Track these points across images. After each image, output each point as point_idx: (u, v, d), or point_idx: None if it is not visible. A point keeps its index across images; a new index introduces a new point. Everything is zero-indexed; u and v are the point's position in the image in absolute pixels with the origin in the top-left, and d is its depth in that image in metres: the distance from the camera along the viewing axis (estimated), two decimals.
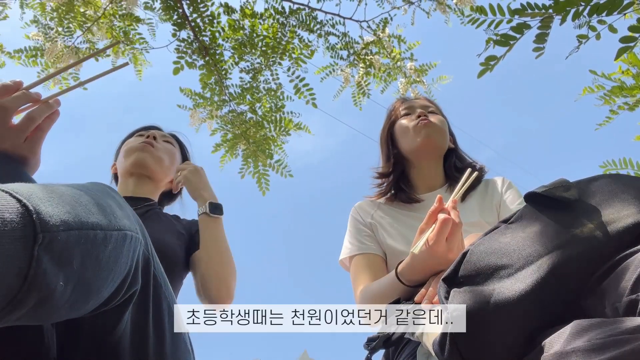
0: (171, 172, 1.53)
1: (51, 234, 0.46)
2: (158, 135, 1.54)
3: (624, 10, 1.11)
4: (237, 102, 3.29)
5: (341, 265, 1.44)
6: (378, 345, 0.93)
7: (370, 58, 3.36)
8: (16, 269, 0.42)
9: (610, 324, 0.53)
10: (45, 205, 0.47)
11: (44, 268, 0.45)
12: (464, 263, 0.71)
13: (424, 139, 1.44)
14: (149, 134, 1.50)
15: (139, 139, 1.50)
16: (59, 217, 0.48)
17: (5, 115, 0.81)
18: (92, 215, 0.54)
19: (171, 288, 0.87)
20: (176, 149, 1.58)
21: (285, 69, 3.16)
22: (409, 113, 1.53)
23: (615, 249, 0.64)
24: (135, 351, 0.70)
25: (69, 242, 0.48)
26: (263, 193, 3.23)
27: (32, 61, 3.04)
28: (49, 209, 0.47)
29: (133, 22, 3.22)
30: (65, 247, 0.48)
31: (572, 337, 0.55)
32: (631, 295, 0.57)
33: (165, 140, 1.55)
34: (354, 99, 3.52)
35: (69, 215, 0.49)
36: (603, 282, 0.63)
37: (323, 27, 3.31)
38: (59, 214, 0.48)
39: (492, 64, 1.21)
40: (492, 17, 1.24)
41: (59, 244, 0.47)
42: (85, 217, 0.52)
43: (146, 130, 1.55)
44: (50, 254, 0.46)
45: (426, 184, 1.50)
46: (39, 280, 0.45)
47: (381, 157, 1.60)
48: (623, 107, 2.03)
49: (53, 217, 0.47)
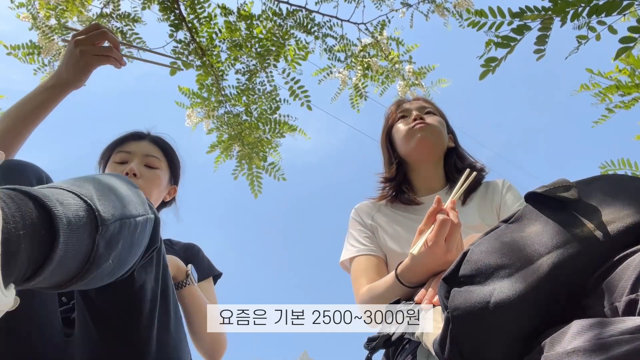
0: (162, 194, 1.49)
1: (106, 226, 0.60)
2: (137, 163, 1.43)
3: (623, 11, 1.12)
4: (233, 103, 3.29)
5: (342, 266, 1.44)
6: (378, 346, 0.92)
7: (367, 60, 3.37)
8: (84, 252, 0.57)
9: (611, 324, 0.53)
10: (101, 203, 0.61)
11: (101, 252, 0.59)
12: (464, 263, 0.71)
13: (418, 143, 1.44)
14: (129, 171, 1.38)
15: (120, 171, 1.38)
16: (110, 212, 0.62)
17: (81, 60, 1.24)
18: (127, 207, 0.69)
19: None
20: (162, 168, 1.48)
21: (280, 70, 3.16)
22: (405, 116, 1.52)
23: (615, 249, 0.64)
24: (151, 301, 0.88)
25: (115, 230, 0.63)
26: (255, 195, 3.22)
27: (30, 58, 3.02)
28: (103, 206, 0.61)
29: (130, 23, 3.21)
30: (113, 235, 0.62)
31: (572, 337, 0.55)
32: (631, 295, 0.57)
33: (147, 164, 1.45)
34: (351, 101, 3.52)
35: (115, 210, 0.64)
36: (603, 281, 0.63)
37: (320, 29, 3.31)
38: (109, 209, 0.62)
39: (493, 66, 1.21)
40: (493, 19, 1.24)
41: (110, 233, 0.61)
42: (124, 210, 0.67)
43: (128, 153, 1.45)
44: (104, 240, 0.60)
45: (426, 186, 1.49)
46: (97, 260, 0.59)
47: (383, 161, 1.59)
48: (619, 106, 2.04)
49: (106, 212, 0.61)
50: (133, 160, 1.43)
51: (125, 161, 1.44)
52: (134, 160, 1.43)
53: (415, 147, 1.45)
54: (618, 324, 0.52)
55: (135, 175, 1.39)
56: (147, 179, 1.42)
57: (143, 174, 1.42)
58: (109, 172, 0.91)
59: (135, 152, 1.46)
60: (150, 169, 1.45)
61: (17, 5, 3.02)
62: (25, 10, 3.02)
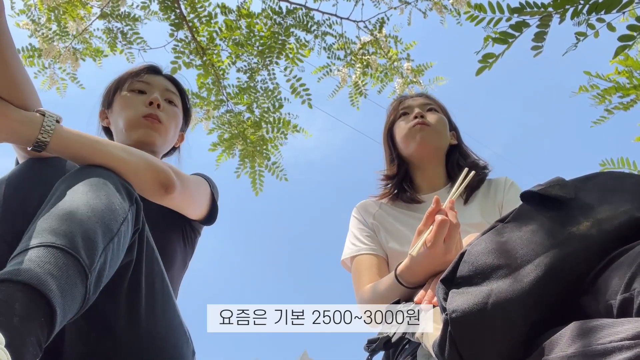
0: (176, 135, 1.41)
1: (92, 269, 0.70)
2: (161, 95, 1.35)
3: (623, 8, 1.11)
4: (235, 102, 3.29)
5: (343, 265, 1.43)
6: (378, 347, 0.92)
7: (367, 58, 3.37)
8: (80, 300, 0.68)
9: (609, 327, 0.52)
10: (85, 246, 0.70)
11: (92, 288, 0.70)
12: (461, 264, 0.70)
13: (419, 143, 1.43)
14: (154, 100, 1.31)
15: (140, 102, 1.31)
16: (93, 256, 0.71)
17: None
18: (110, 225, 0.77)
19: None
20: (179, 107, 1.42)
21: (282, 68, 3.16)
22: (407, 113, 1.51)
23: (611, 246, 0.64)
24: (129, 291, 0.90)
25: (100, 266, 0.73)
26: (256, 193, 3.23)
27: (30, 61, 3.03)
28: (87, 248, 0.70)
29: (131, 22, 3.22)
30: (100, 269, 0.73)
31: (572, 341, 0.55)
32: (625, 293, 0.57)
33: (168, 99, 1.38)
34: (351, 99, 3.52)
35: (99, 248, 0.73)
36: (598, 278, 0.63)
37: (320, 27, 3.31)
38: (92, 251, 0.71)
39: (490, 62, 1.21)
40: (492, 14, 1.23)
41: (97, 271, 0.72)
42: (107, 231, 0.76)
43: (147, 83, 1.36)
44: (93, 277, 0.70)
45: (428, 184, 1.49)
46: (92, 296, 0.71)
47: (385, 158, 1.59)
48: (618, 107, 2.04)
49: (91, 253, 0.70)
50: (153, 92, 1.34)
51: (144, 91, 1.35)
52: (154, 93, 1.34)
53: (415, 148, 1.44)
54: (617, 327, 0.52)
55: (159, 107, 1.32)
56: (169, 114, 1.35)
57: (165, 108, 1.34)
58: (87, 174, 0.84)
59: (154, 84, 1.38)
60: (170, 104, 1.38)
61: (17, 12, 3.03)
62: (25, 17, 3.03)
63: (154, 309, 0.93)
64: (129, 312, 0.88)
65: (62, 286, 0.63)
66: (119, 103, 1.35)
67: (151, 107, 1.31)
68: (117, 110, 1.34)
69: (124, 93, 1.35)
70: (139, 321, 0.89)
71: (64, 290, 0.63)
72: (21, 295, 0.59)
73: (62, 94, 3.24)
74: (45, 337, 0.61)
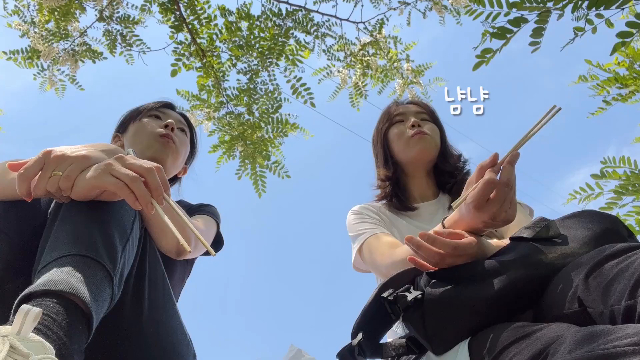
0: (182, 164, 1.50)
1: (115, 272, 0.77)
2: (175, 124, 1.45)
3: (622, 4, 1.11)
4: (235, 103, 3.29)
5: (355, 269, 1.41)
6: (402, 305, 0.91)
7: (367, 59, 3.37)
8: (109, 297, 0.75)
9: (613, 332, 0.52)
10: (108, 256, 0.77)
11: (116, 288, 0.78)
12: None
13: (418, 153, 1.45)
14: (169, 124, 1.42)
15: (156, 125, 1.42)
16: (115, 260, 0.78)
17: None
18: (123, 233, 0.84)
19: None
20: (188, 136, 1.52)
21: (282, 69, 3.17)
22: (402, 120, 1.52)
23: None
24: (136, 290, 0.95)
25: (121, 267, 0.80)
26: (259, 195, 3.23)
27: (29, 63, 3.03)
28: (109, 257, 0.77)
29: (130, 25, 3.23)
30: (121, 270, 0.81)
31: (573, 346, 0.55)
32: (629, 300, 0.59)
33: (180, 128, 1.49)
34: (351, 100, 3.52)
35: (118, 250, 0.80)
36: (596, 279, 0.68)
37: (320, 29, 3.32)
38: (113, 255, 0.78)
39: (488, 57, 1.21)
40: (490, 9, 1.23)
41: (119, 272, 0.79)
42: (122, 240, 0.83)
43: (162, 113, 1.49)
44: (117, 279, 0.78)
45: (419, 193, 1.50)
46: (115, 295, 0.78)
47: (377, 158, 1.58)
48: (617, 98, 2.04)
49: (112, 262, 0.77)
50: (169, 118, 1.45)
51: (160, 117, 1.47)
52: (169, 119, 1.45)
53: (414, 158, 1.46)
54: (619, 332, 0.52)
55: (173, 130, 1.42)
56: (180, 141, 1.45)
57: (177, 134, 1.45)
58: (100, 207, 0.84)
59: (169, 115, 1.49)
60: (182, 132, 1.49)
61: (9, 13, 3.03)
62: (17, 17, 3.04)
63: (156, 302, 0.96)
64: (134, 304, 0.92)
65: (94, 292, 0.69)
66: (135, 126, 1.44)
67: (167, 129, 1.41)
68: (132, 132, 1.44)
69: (142, 121, 1.45)
70: (142, 312, 0.92)
71: (95, 296, 0.69)
72: (61, 306, 0.64)
73: (60, 95, 3.26)
74: (85, 342, 0.66)
